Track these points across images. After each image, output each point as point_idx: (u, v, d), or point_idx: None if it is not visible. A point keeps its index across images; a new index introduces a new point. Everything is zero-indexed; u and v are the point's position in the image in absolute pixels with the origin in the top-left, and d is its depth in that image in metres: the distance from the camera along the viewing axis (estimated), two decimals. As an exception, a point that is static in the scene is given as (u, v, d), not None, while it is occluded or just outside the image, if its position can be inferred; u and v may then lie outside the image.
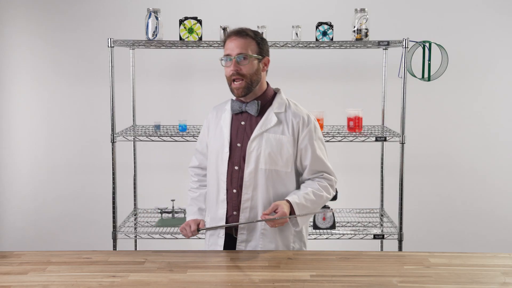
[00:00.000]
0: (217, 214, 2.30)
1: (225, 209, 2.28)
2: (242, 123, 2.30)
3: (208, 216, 2.38)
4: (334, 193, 2.36)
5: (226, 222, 2.28)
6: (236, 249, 2.28)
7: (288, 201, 2.18)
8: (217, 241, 2.32)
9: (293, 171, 2.30)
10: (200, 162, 2.47)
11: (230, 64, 2.22)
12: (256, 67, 2.24)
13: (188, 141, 3.20)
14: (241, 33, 2.23)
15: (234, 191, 2.27)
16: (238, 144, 2.28)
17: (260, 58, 2.25)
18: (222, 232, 2.31)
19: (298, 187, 2.34)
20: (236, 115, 2.32)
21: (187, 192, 2.51)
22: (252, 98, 2.29)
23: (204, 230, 2.33)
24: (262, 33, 3.23)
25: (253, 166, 2.24)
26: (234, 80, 2.22)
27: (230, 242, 2.31)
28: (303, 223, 2.26)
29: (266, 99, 2.31)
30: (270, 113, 2.28)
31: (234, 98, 2.34)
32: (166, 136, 3.17)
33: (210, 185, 2.36)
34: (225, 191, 2.27)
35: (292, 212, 2.18)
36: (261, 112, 2.29)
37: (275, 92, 2.36)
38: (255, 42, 2.24)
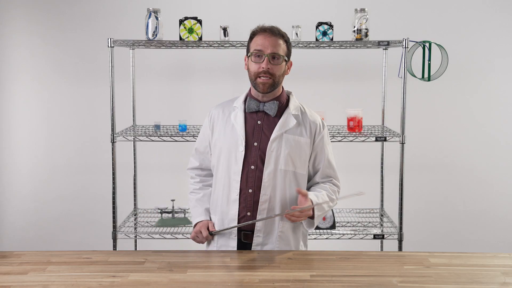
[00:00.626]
0: (228, 215, 2.26)
1: (237, 210, 2.24)
2: (259, 122, 2.27)
3: (215, 216, 2.32)
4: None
5: (238, 223, 2.25)
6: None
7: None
8: (229, 242, 2.27)
9: (306, 173, 2.31)
10: (201, 162, 2.43)
11: (260, 60, 2.19)
12: (283, 68, 2.24)
13: (188, 141, 3.19)
14: (274, 31, 2.21)
15: (250, 191, 2.23)
16: (255, 144, 2.25)
17: (286, 60, 2.25)
18: (234, 233, 2.26)
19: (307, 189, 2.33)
20: (251, 114, 2.29)
21: (188, 195, 2.45)
22: (270, 98, 2.27)
23: (217, 233, 2.28)
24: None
25: (273, 167, 2.22)
26: (260, 76, 2.20)
27: (241, 245, 2.28)
28: (317, 223, 2.26)
29: (283, 101, 2.30)
30: (289, 114, 2.28)
31: (244, 96, 2.32)
32: (166, 136, 3.17)
33: (219, 185, 2.30)
34: (238, 191, 2.24)
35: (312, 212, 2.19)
36: (278, 113, 2.28)
37: (288, 96, 2.36)
38: (286, 44, 2.24)
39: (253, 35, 2.24)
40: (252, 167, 2.24)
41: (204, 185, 2.43)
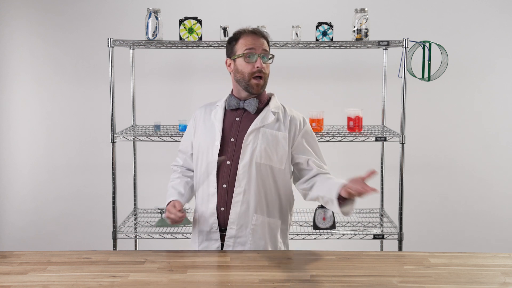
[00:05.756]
0: (208, 209, 2.28)
1: (215, 203, 2.26)
2: (237, 119, 2.31)
3: (197, 213, 2.35)
4: None
5: (217, 217, 2.26)
6: (224, 244, 2.26)
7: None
8: (211, 244, 2.30)
9: (287, 169, 2.31)
10: (184, 162, 2.47)
11: (252, 60, 2.24)
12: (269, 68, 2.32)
13: (188, 141, 3.19)
14: (261, 33, 2.28)
15: (224, 186, 2.26)
16: (232, 139, 2.28)
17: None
18: (216, 235, 2.28)
19: (290, 186, 2.35)
20: (231, 111, 2.33)
21: (167, 187, 2.46)
22: (251, 96, 2.31)
23: (187, 209, 2.28)
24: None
25: (248, 160, 2.24)
26: (255, 77, 2.24)
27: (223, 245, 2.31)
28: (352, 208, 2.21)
29: (263, 100, 2.34)
30: (268, 111, 2.31)
31: (227, 95, 2.36)
32: (166, 136, 3.17)
33: (200, 182, 2.33)
34: (215, 184, 2.26)
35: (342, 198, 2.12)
36: (257, 111, 2.31)
37: (270, 97, 2.39)
38: (268, 45, 2.29)
39: (237, 37, 2.28)
40: (228, 162, 2.26)
41: (183, 175, 2.46)
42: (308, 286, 1.82)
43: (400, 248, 3.17)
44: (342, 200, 2.13)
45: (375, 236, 3.21)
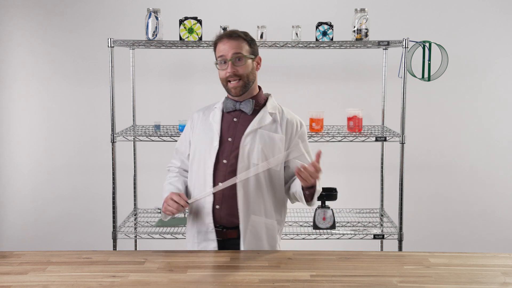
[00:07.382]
0: (204, 208, 2.28)
1: (212, 202, 2.27)
2: (235, 119, 2.32)
3: (192, 212, 2.34)
4: None
5: (213, 216, 2.26)
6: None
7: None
8: (209, 244, 2.30)
9: (281, 170, 2.33)
10: (181, 163, 2.47)
11: (225, 66, 2.24)
12: (251, 66, 2.28)
13: (188, 141, 3.19)
14: (232, 35, 2.25)
15: (220, 184, 2.26)
16: (229, 139, 2.29)
17: (253, 58, 2.28)
18: (212, 235, 2.28)
19: (284, 189, 2.35)
20: (228, 113, 2.35)
21: (163, 185, 2.44)
22: (247, 98, 2.32)
23: (193, 201, 2.28)
24: (262, 33, 3.24)
25: (246, 161, 2.25)
26: (230, 81, 2.25)
27: (222, 245, 2.30)
28: (316, 198, 2.26)
29: (260, 101, 2.35)
30: (265, 112, 2.32)
31: (224, 98, 2.37)
32: (166, 136, 3.17)
33: (194, 180, 2.33)
34: (212, 184, 2.27)
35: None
36: (254, 112, 2.32)
37: (267, 97, 2.40)
38: (246, 42, 2.27)
39: (215, 44, 2.29)
40: (225, 161, 2.27)
41: (180, 175, 2.46)
42: (308, 286, 1.82)
43: (400, 248, 3.17)
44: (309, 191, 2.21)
45: (375, 236, 3.21)
